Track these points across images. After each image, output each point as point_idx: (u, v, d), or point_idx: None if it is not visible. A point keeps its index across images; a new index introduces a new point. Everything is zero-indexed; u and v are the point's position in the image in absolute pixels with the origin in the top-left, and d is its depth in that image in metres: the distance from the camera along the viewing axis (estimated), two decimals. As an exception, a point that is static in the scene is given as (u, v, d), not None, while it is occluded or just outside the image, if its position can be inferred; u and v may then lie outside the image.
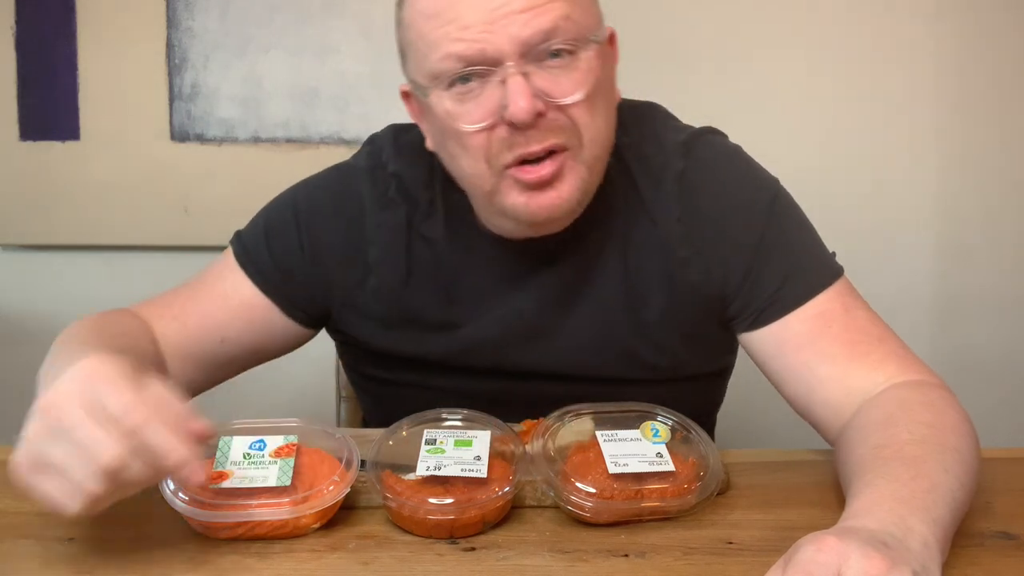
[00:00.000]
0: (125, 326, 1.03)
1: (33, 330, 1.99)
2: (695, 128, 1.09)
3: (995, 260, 1.95)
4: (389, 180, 1.07)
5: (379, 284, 1.07)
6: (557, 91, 0.91)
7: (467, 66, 0.90)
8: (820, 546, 0.67)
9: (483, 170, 0.95)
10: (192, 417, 0.76)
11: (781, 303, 1.01)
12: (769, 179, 1.07)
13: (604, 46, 0.97)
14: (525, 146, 0.92)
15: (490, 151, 0.93)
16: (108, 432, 0.71)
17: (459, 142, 0.94)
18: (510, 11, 0.89)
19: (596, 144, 0.96)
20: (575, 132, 0.93)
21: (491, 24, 0.89)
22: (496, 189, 0.95)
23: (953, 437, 0.86)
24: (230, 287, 1.09)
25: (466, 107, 0.92)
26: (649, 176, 1.04)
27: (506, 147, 0.92)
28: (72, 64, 1.88)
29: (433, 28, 0.91)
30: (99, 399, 0.73)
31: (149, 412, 0.73)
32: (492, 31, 0.89)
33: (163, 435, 0.72)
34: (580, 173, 0.95)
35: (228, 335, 1.08)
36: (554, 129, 0.92)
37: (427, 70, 0.93)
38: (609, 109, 0.98)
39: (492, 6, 0.89)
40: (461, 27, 0.89)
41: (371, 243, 1.07)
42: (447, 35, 0.90)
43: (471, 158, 0.95)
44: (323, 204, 1.09)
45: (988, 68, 1.88)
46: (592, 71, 0.93)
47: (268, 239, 1.09)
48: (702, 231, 1.03)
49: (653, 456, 0.89)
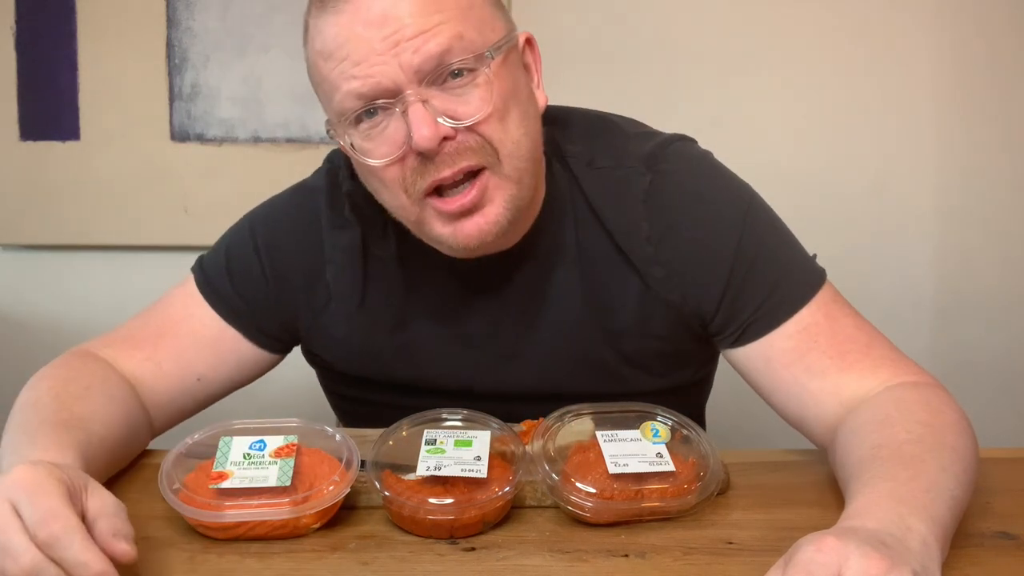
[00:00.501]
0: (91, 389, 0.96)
1: (33, 330, 1.99)
2: (661, 137, 1.05)
3: (995, 260, 1.95)
4: (344, 200, 1.05)
5: (337, 307, 1.06)
6: (461, 112, 0.89)
7: (367, 102, 0.89)
8: (820, 546, 0.67)
9: (404, 202, 0.93)
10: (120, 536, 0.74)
11: (764, 320, 0.99)
12: (740, 188, 1.04)
13: (512, 54, 0.94)
14: (436, 173, 0.90)
15: (406, 181, 0.92)
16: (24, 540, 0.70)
17: (376, 177, 0.93)
18: (399, 39, 0.87)
19: (516, 157, 0.93)
20: (489, 150, 0.91)
21: (382, 55, 0.87)
22: (421, 219, 0.94)
23: (951, 436, 0.86)
24: (199, 323, 1.06)
25: (374, 143, 0.91)
26: (606, 190, 1.01)
27: (419, 175, 0.91)
28: (72, 64, 1.88)
29: (330, 68, 0.90)
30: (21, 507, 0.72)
31: (67, 524, 0.71)
32: (384, 62, 0.87)
33: (77, 548, 0.70)
34: (507, 190, 0.93)
35: (204, 373, 1.06)
36: (464, 151, 0.90)
37: (333, 110, 0.92)
38: (525, 118, 0.94)
39: (381, 35, 0.87)
40: (353, 63, 0.88)
41: (328, 263, 1.05)
42: (343, 73, 0.89)
43: (389, 192, 0.94)
44: (282, 228, 1.07)
45: (988, 68, 1.88)
46: (496, 84, 0.90)
47: (229, 268, 1.07)
48: (674, 250, 1.00)
49: (653, 456, 0.89)
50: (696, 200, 1.01)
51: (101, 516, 0.74)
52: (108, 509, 0.75)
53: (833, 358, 0.96)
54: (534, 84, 0.99)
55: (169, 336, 1.06)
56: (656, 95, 1.82)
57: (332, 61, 0.90)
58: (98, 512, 0.75)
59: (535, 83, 1.00)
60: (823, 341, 0.97)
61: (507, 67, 0.93)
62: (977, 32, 1.86)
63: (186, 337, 1.06)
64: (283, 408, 1.12)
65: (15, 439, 0.87)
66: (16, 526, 0.71)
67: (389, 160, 0.91)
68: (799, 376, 0.97)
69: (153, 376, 1.04)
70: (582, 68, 1.82)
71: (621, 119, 1.08)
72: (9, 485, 0.73)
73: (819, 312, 0.98)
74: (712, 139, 1.12)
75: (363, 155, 0.92)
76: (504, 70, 0.92)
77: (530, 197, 0.97)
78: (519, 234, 1.00)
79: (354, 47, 0.88)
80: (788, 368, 0.97)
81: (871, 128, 1.90)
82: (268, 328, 1.08)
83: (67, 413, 0.91)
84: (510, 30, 0.96)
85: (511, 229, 0.96)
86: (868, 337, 0.98)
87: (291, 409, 1.03)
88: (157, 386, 1.04)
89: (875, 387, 0.94)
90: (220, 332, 1.07)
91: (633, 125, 1.08)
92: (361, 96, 0.89)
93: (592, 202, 1.01)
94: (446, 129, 0.89)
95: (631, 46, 1.84)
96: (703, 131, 1.14)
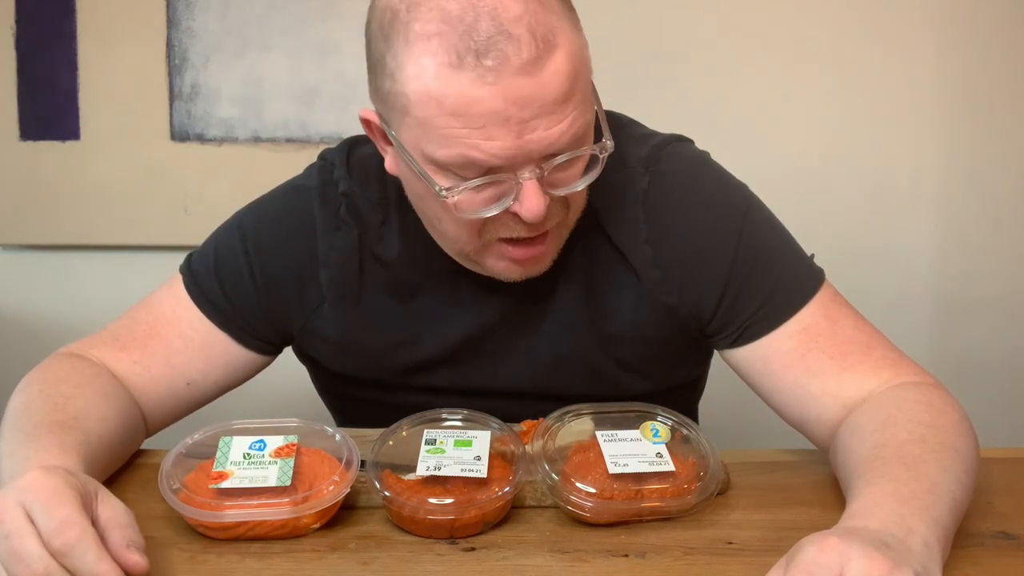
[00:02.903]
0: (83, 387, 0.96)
1: (33, 330, 1.99)
2: (659, 138, 1.05)
3: (996, 260, 1.95)
4: (340, 200, 1.04)
5: (332, 307, 1.05)
6: (562, 181, 0.89)
7: (483, 173, 0.85)
8: (822, 547, 0.67)
9: (468, 237, 0.92)
10: (133, 547, 0.74)
11: (764, 321, 0.98)
12: (739, 189, 1.04)
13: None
14: (525, 231, 0.90)
15: (483, 227, 0.91)
16: (39, 547, 0.70)
17: (447, 212, 0.90)
18: (537, 127, 0.83)
19: (578, 211, 0.96)
20: (567, 209, 0.93)
21: (518, 139, 0.83)
22: (479, 253, 0.94)
23: (952, 436, 0.86)
24: (187, 326, 1.05)
25: (470, 197, 0.88)
26: (609, 192, 1.00)
27: (504, 228, 0.90)
28: (72, 64, 1.88)
29: (448, 121, 0.83)
30: (36, 514, 0.72)
31: (82, 534, 0.71)
32: (517, 147, 0.83)
33: (91, 559, 0.70)
34: (562, 236, 0.96)
35: (194, 378, 1.05)
36: (552, 215, 0.90)
37: (428, 152, 0.86)
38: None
39: (521, 118, 0.82)
40: (485, 137, 0.83)
41: (323, 265, 1.04)
42: (466, 139, 0.83)
43: (456, 228, 0.92)
44: (272, 229, 1.06)
45: (989, 68, 1.88)
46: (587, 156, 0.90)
47: (218, 272, 1.05)
48: (673, 251, 1.00)
49: (653, 456, 0.89)
50: (694, 201, 1.01)
51: (114, 526, 0.74)
52: (120, 519, 0.75)
53: (833, 358, 0.96)
54: None
55: (158, 339, 1.04)
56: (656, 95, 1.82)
57: (457, 120, 0.83)
58: (110, 521, 0.75)
59: None
60: (823, 342, 0.97)
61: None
62: (978, 31, 1.86)
63: (175, 341, 1.04)
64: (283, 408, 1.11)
65: (12, 443, 0.86)
66: (30, 532, 0.71)
67: (483, 215, 0.88)
68: (799, 377, 0.97)
69: (142, 380, 1.03)
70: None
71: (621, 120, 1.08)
72: (24, 490, 0.73)
73: (819, 312, 0.98)
74: (712, 139, 1.12)
75: (457, 206, 0.88)
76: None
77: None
78: None
79: (490, 121, 0.82)
80: (788, 369, 0.97)
81: (871, 128, 1.90)
82: (258, 331, 1.07)
83: (62, 414, 0.90)
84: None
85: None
86: (868, 337, 0.98)
87: (291, 409, 1.03)
88: (147, 389, 1.03)
89: (876, 387, 0.94)
90: (209, 336, 1.05)
91: (633, 125, 1.08)
92: (479, 168, 0.85)
93: (593, 204, 1.01)
94: (548, 200, 0.87)
95: (631, 46, 1.84)
96: (703, 131, 1.14)
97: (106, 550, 0.72)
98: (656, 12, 1.85)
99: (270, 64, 1.87)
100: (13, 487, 0.74)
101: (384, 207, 1.03)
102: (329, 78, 1.87)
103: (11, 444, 0.86)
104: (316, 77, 1.87)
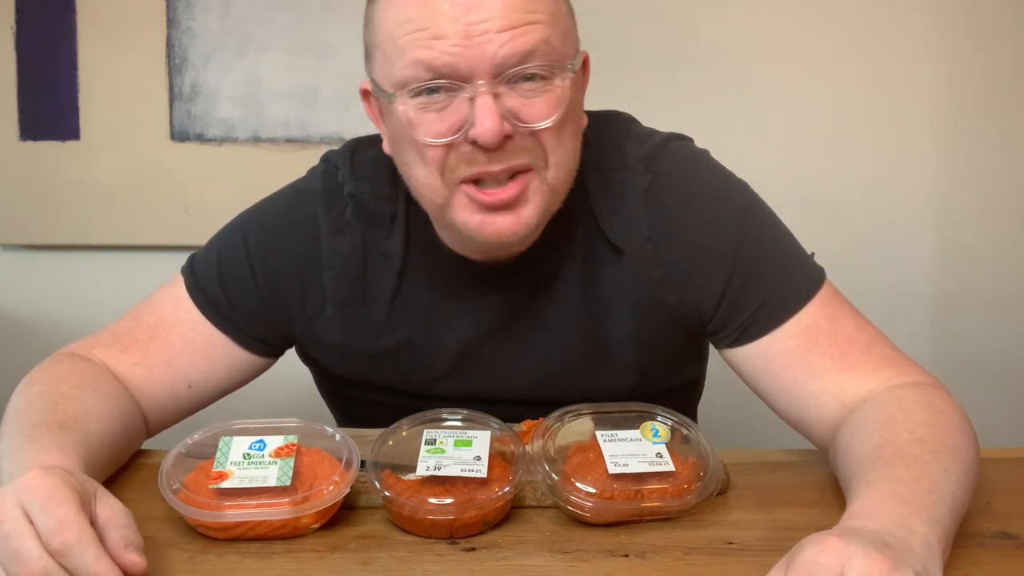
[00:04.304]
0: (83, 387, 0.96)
1: (33, 330, 1.99)
2: (659, 136, 1.05)
3: (995, 260, 1.95)
4: (345, 202, 1.04)
5: (335, 310, 1.05)
6: (527, 115, 0.89)
7: (435, 77, 0.87)
8: (823, 547, 0.67)
9: (436, 182, 0.92)
10: (131, 546, 0.74)
11: (764, 320, 0.98)
12: (739, 188, 1.04)
13: (579, 71, 0.95)
14: (486, 165, 0.89)
15: (446, 164, 0.91)
16: (37, 547, 0.70)
17: (416, 151, 0.92)
18: (488, 29, 0.86)
19: (562, 168, 0.93)
20: (541, 154, 0.91)
21: (467, 39, 0.85)
22: (448, 203, 0.93)
23: (952, 437, 0.86)
24: (189, 329, 1.05)
25: (428, 118, 0.89)
26: (609, 191, 1.01)
27: (465, 162, 0.90)
28: (72, 64, 1.88)
29: (404, 33, 0.87)
30: (34, 514, 0.72)
31: (80, 534, 0.71)
32: (467, 47, 0.86)
33: (90, 558, 0.70)
34: (543, 195, 0.93)
35: (195, 380, 1.05)
36: (519, 151, 0.90)
37: (392, 75, 0.90)
38: (577, 134, 0.96)
39: (470, 20, 0.86)
40: (434, 36, 0.86)
41: (327, 269, 1.04)
42: (417, 40, 0.87)
43: (426, 169, 0.92)
44: (275, 233, 1.06)
45: (988, 67, 1.88)
46: (565, 97, 0.90)
47: (220, 275, 1.05)
48: (674, 250, 1.00)
49: (653, 456, 0.89)
50: (695, 200, 1.01)
51: (112, 526, 0.74)
52: (118, 519, 0.75)
53: (834, 358, 0.96)
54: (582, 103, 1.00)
55: (159, 341, 1.04)
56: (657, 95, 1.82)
57: (409, 26, 0.87)
58: (108, 521, 0.75)
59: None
60: (823, 341, 0.96)
61: (576, 81, 0.94)
62: (977, 33, 1.86)
63: (177, 343, 1.04)
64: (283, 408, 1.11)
65: (12, 443, 0.86)
66: (29, 532, 0.71)
67: (440, 141, 0.89)
68: (799, 377, 0.97)
69: (143, 381, 1.03)
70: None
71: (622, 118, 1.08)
72: (22, 489, 0.73)
73: (819, 312, 0.98)
74: (713, 139, 1.12)
75: (414, 128, 0.90)
76: (573, 84, 0.92)
77: (556, 209, 0.97)
78: (532, 239, 1.00)
79: (437, 21, 0.86)
80: (788, 369, 0.97)
81: (871, 128, 1.90)
82: (260, 334, 1.07)
83: (62, 414, 0.90)
84: (578, 46, 0.96)
85: (533, 235, 0.96)
86: (869, 337, 0.98)
87: (291, 409, 1.03)
88: (148, 390, 1.03)
89: (876, 387, 0.94)
90: (211, 338, 1.05)
91: (633, 123, 1.08)
92: (431, 68, 0.87)
93: (595, 205, 1.01)
94: (508, 128, 0.88)
95: (632, 46, 1.84)
96: (704, 131, 1.14)
97: (104, 550, 0.72)
98: (657, 12, 1.85)
99: (270, 64, 1.87)
100: (12, 487, 0.74)
101: (393, 202, 1.04)
102: (329, 78, 1.87)
103: (11, 444, 0.86)
104: (316, 77, 1.87)
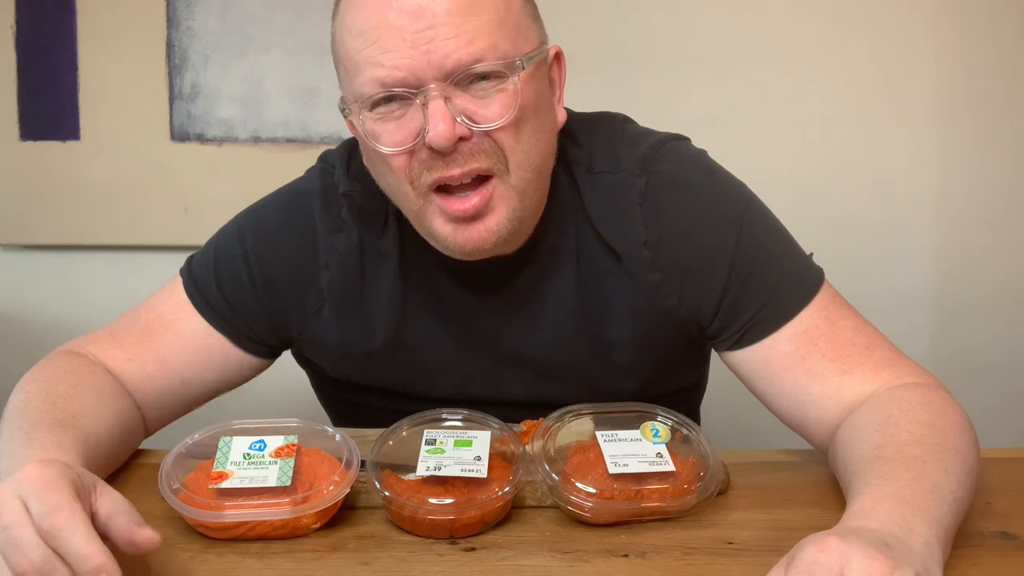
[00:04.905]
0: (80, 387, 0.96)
1: (33, 330, 1.99)
2: (655, 137, 1.04)
3: (996, 261, 1.95)
4: (341, 201, 1.04)
5: (331, 311, 1.05)
6: (480, 115, 0.89)
7: (387, 90, 0.89)
8: (823, 547, 0.67)
9: (408, 191, 0.93)
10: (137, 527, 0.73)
11: (764, 323, 0.98)
12: (737, 189, 1.03)
13: (541, 67, 0.94)
14: (445, 170, 0.90)
15: (412, 172, 0.91)
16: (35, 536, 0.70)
17: (383, 161, 0.93)
18: (433, 37, 0.86)
19: (524, 168, 0.93)
20: (500, 157, 0.91)
21: (414, 48, 0.87)
22: (423, 212, 0.94)
23: (953, 437, 0.85)
24: (186, 328, 1.05)
25: (387, 128, 0.90)
26: (603, 195, 1.00)
27: (426, 168, 0.90)
28: (72, 64, 1.88)
29: (357, 49, 0.89)
30: (30, 502, 0.71)
31: (71, 516, 0.70)
32: (414, 57, 0.87)
33: (78, 540, 0.69)
34: (510, 200, 0.93)
35: (189, 377, 1.05)
36: (477, 154, 0.90)
37: (353, 90, 0.92)
38: (541, 131, 0.94)
39: (413, 28, 0.87)
40: (382, 50, 0.88)
41: (324, 268, 1.04)
42: (369, 58, 0.88)
43: (395, 178, 0.93)
44: (272, 233, 1.06)
45: (990, 68, 1.87)
46: (520, 95, 0.90)
47: (218, 275, 1.06)
48: (672, 253, 0.99)
49: (653, 456, 0.89)
50: (693, 202, 1.00)
51: (117, 513, 0.74)
52: (121, 507, 0.75)
53: (834, 361, 0.96)
54: (555, 99, 0.99)
55: (154, 337, 1.05)
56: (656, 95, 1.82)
57: (360, 42, 0.89)
58: (111, 511, 0.74)
59: (556, 98, 0.99)
60: (823, 344, 0.96)
61: (534, 79, 0.93)
62: (978, 31, 1.86)
63: (172, 340, 1.05)
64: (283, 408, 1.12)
65: (11, 442, 0.86)
66: (27, 522, 0.71)
67: (400, 149, 0.90)
68: (799, 379, 0.96)
69: (137, 376, 1.03)
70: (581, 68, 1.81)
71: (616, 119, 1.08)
72: (20, 481, 0.73)
73: (819, 314, 0.97)
74: (712, 139, 1.12)
75: (373, 139, 0.92)
76: (531, 81, 0.92)
77: (533, 208, 0.97)
78: (521, 240, 0.99)
79: (384, 33, 0.88)
80: (788, 371, 0.97)
81: (871, 128, 1.90)
82: (257, 335, 1.07)
83: (61, 413, 0.90)
84: (543, 41, 0.96)
85: (511, 239, 0.96)
86: (868, 338, 0.97)
87: (291, 409, 1.03)
88: (142, 386, 1.03)
89: (877, 389, 0.94)
90: (207, 337, 1.06)
91: (629, 124, 1.08)
92: (384, 85, 0.89)
93: (591, 208, 1.00)
94: (462, 129, 0.88)
95: (631, 46, 1.84)
96: (703, 131, 1.14)
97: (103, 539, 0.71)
98: (656, 11, 1.85)
99: (270, 64, 1.87)
100: (10, 480, 0.74)
101: (387, 201, 1.03)
102: (329, 78, 1.84)
103: (10, 443, 0.86)
104: (316, 77, 1.87)
